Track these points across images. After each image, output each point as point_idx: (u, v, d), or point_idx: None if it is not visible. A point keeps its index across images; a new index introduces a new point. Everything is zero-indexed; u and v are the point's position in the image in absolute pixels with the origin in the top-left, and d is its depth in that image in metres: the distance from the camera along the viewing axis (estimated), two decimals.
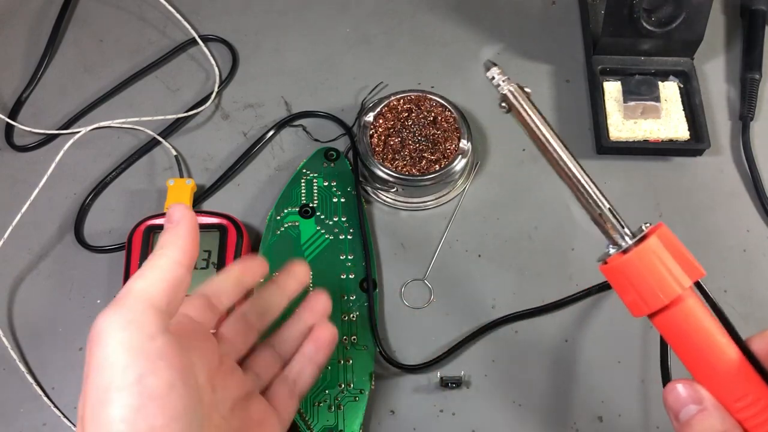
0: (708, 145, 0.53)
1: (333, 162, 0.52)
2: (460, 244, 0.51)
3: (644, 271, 0.30)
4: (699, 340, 0.30)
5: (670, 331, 0.31)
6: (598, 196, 0.32)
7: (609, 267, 0.31)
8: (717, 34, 0.60)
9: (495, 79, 0.34)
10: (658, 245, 0.30)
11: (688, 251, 0.31)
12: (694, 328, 0.30)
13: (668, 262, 0.30)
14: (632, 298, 0.31)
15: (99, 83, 0.59)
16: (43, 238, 0.52)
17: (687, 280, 0.30)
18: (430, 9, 0.62)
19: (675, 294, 0.30)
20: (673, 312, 0.30)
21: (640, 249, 0.30)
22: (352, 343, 0.46)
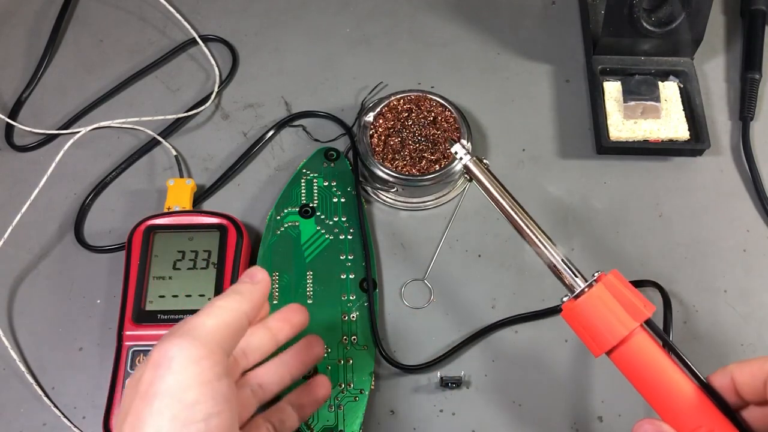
0: (708, 145, 0.53)
1: (333, 162, 0.52)
2: (460, 244, 0.51)
3: (592, 315, 0.34)
4: (650, 375, 0.33)
5: (625, 367, 0.34)
6: (551, 250, 0.37)
7: (567, 311, 0.35)
8: (717, 34, 0.60)
9: (458, 153, 0.40)
10: (603, 291, 0.34)
11: (637, 294, 0.34)
12: (644, 364, 0.33)
13: (613, 306, 0.33)
14: (587, 341, 0.34)
15: (99, 83, 0.59)
16: (43, 238, 0.52)
17: (632, 322, 0.33)
18: (430, 9, 0.62)
19: (621, 335, 0.33)
20: (623, 351, 0.33)
21: (587, 296, 0.34)
22: (352, 343, 0.46)
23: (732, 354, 0.47)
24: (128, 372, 0.44)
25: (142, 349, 0.45)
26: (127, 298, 0.46)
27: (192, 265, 0.47)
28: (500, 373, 0.46)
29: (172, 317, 0.45)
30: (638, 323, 0.33)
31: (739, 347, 0.47)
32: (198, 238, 0.48)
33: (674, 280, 0.49)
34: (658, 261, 0.50)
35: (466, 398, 0.46)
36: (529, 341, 0.47)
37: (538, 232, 0.38)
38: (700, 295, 0.49)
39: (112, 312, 0.48)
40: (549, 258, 0.37)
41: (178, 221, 0.49)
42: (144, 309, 0.46)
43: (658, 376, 0.33)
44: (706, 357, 0.47)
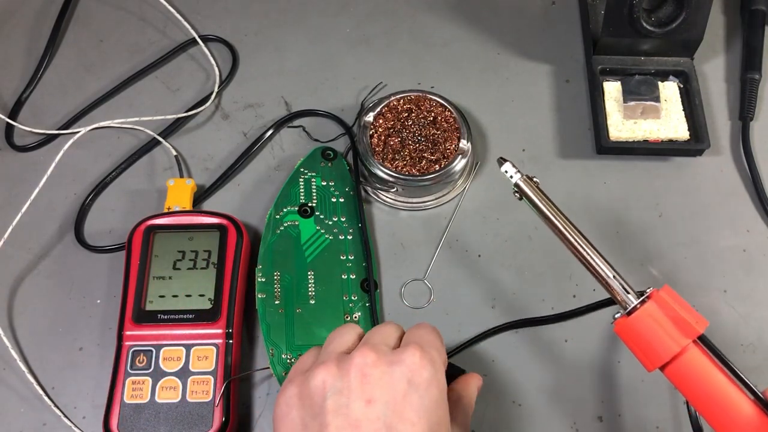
0: (708, 145, 0.53)
1: (330, 162, 0.52)
2: (460, 244, 0.51)
3: (644, 332, 0.35)
4: (705, 390, 0.34)
5: (679, 382, 0.35)
6: (604, 266, 0.37)
7: (620, 326, 0.36)
8: (717, 34, 0.60)
9: (508, 172, 0.40)
10: (655, 308, 0.35)
11: (690, 309, 0.35)
12: (698, 379, 0.34)
13: (664, 323, 0.34)
14: (640, 355, 0.35)
15: (99, 83, 0.59)
16: (44, 238, 0.52)
17: (683, 339, 0.34)
18: (430, 9, 0.62)
19: (673, 352, 0.34)
20: (676, 366, 0.34)
21: (639, 313, 0.35)
22: None
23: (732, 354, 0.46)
24: (128, 372, 0.44)
25: (142, 349, 0.45)
26: (127, 298, 0.46)
27: (192, 265, 0.47)
28: (500, 373, 0.46)
29: (172, 317, 0.45)
30: (690, 340, 0.34)
31: (739, 347, 0.47)
32: (198, 238, 0.48)
33: (674, 280, 0.49)
34: (658, 261, 0.50)
35: None
36: (529, 341, 0.47)
37: (591, 250, 0.37)
38: (700, 295, 0.49)
39: (112, 312, 0.48)
40: (602, 275, 0.37)
41: (178, 221, 0.49)
42: (144, 309, 0.46)
43: (713, 391, 0.33)
44: None
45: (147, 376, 0.44)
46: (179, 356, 0.44)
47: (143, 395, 0.43)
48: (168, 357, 0.44)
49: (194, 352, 0.44)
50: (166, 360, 0.44)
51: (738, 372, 0.34)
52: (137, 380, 0.44)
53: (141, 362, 0.44)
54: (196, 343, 0.44)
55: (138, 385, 0.44)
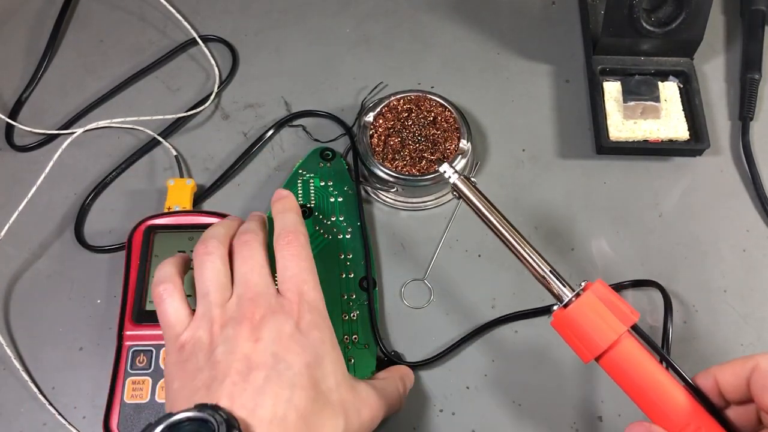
0: (708, 146, 0.53)
1: (329, 162, 0.52)
2: (460, 244, 0.51)
3: (582, 322, 0.35)
4: (639, 378, 0.34)
5: (614, 371, 0.35)
6: (539, 261, 0.38)
7: (556, 320, 0.36)
8: (717, 34, 0.60)
9: (446, 172, 0.42)
10: (592, 299, 0.35)
11: (623, 301, 0.36)
12: (632, 367, 0.34)
13: (602, 312, 0.35)
14: (577, 347, 0.36)
15: (99, 83, 0.59)
16: (44, 237, 0.52)
17: (621, 326, 0.34)
18: (430, 9, 0.62)
19: (611, 340, 0.34)
20: (612, 355, 0.35)
21: (576, 303, 0.36)
22: (353, 342, 0.46)
23: (732, 354, 0.47)
24: (128, 372, 0.44)
25: (143, 349, 0.45)
26: (128, 298, 0.46)
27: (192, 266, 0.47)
28: (500, 373, 0.46)
29: None
30: (627, 327, 0.35)
31: (739, 347, 0.47)
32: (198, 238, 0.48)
33: (674, 279, 0.49)
34: (658, 261, 0.50)
35: (466, 398, 0.46)
36: (529, 341, 0.47)
37: (526, 246, 0.39)
38: (700, 294, 0.49)
39: (112, 312, 0.48)
40: (537, 270, 0.38)
41: (178, 221, 0.49)
42: (144, 309, 0.46)
43: (646, 378, 0.34)
44: (707, 357, 0.47)
45: (147, 376, 0.44)
46: None
47: (143, 395, 0.43)
48: None
49: None
50: None
51: (670, 360, 0.35)
52: (137, 380, 0.44)
53: (141, 362, 0.44)
54: None
55: (138, 385, 0.44)
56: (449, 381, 0.46)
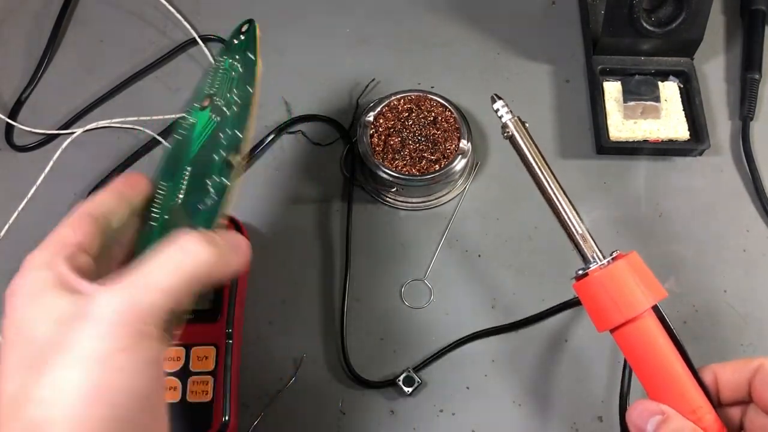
0: (708, 145, 0.53)
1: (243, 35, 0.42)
2: (460, 244, 0.51)
3: (612, 289, 0.33)
4: (654, 356, 0.33)
5: (628, 345, 0.34)
6: (578, 220, 0.36)
7: (581, 283, 0.35)
8: (717, 34, 0.60)
9: (499, 111, 0.39)
10: (626, 267, 0.34)
11: (653, 276, 0.34)
12: (650, 343, 0.33)
13: (632, 283, 0.33)
14: (598, 313, 0.34)
15: (99, 83, 0.58)
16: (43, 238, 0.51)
17: (649, 299, 0.33)
18: (430, 9, 0.62)
19: (635, 312, 0.33)
20: (631, 329, 0.33)
21: (610, 268, 0.34)
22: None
23: (732, 354, 0.47)
24: None
25: None
26: None
27: None
28: (500, 373, 0.46)
29: None
30: (656, 300, 0.33)
31: (740, 347, 0.47)
32: None
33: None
34: (658, 261, 0.50)
35: (466, 398, 0.46)
36: (529, 341, 0.47)
37: (566, 202, 0.37)
38: (700, 295, 0.49)
39: None
40: (575, 228, 0.36)
41: None
42: None
43: (660, 360, 0.33)
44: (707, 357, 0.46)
45: None
46: (179, 356, 0.44)
47: None
48: (168, 357, 0.44)
49: (194, 353, 0.44)
50: (166, 360, 0.44)
51: (683, 346, 0.34)
52: None
53: None
54: (196, 343, 0.44)
55: None
56: (449, 381, 0.46)
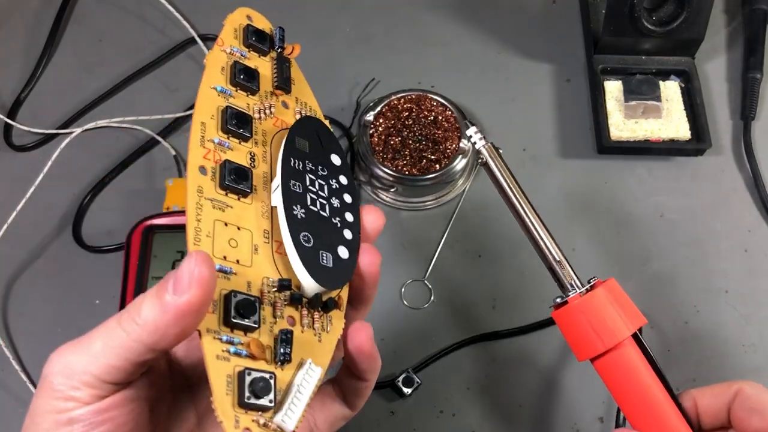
0: (709, 145, 0.53)
1: None
2: (460, 244, 0.51)
3: (591, 317, 0.33)
4: (635, 384, 0.33)
5: (608, 375, 0.34)
6: (554, 248, 0.36)
7: (560, 312, 0.34)
8: (718, 34, 0.60)
9: (472, 137, 0.37)
10: (605, 295, 0.33)
11: (631, 303, 0.34)
12: (629, 374, 0.33)
13: (611, 311, 0.33)
14: (578, 342, 0.34)
15: (98, 83, 0.58)
16: (42, 238, 0.52)
17: (629, 327, 0.33)
18: (430, 9, 0.62)
19: (616, 340, 0.32)
20: (611, 358, 0.33)
21: (589, 296, 0.33)
22: None
23: (733, 354, 0.47)
24: None
25: None
26: (126, 298, 0.46)
27: None
28: (500, 374, 0.46)
29: None
30: (633, 331, 0.33)
31: (740, 347, 0.47)
32: None
33: (675, 280, 0.49)
34: (659, 261, 0.50)
35: (466, 398, 0.46)
36: (529, 342, 0.47)
37: (543, 229, 0.37)
38: (701, 295, 0.49)
39: (111, 312, 0.47)
40: (551, 256, 0.36)
41: (177, 221, 0.49)
42: None
43: (642, 389, 0.33)
44: (708, 357, 0.47)
45: None
46: None
47: None
48: None
49: None
50: None
51: (660, 370, 0.33)
52: None
53: None
54: None
55: None
56: (450, 382, 0.46)
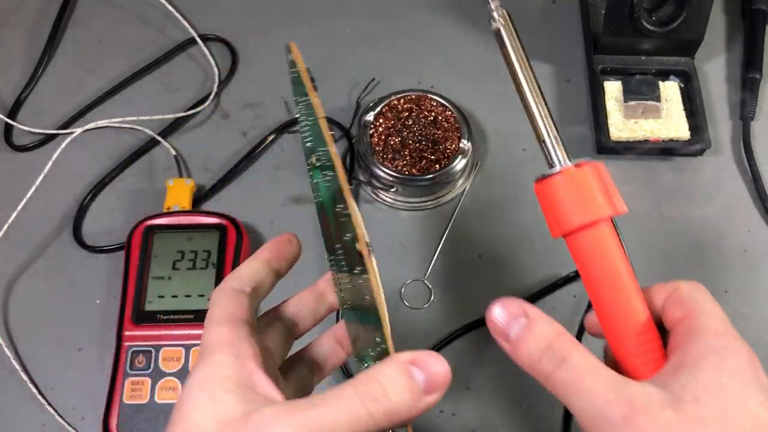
0: (708, 145, 0.53)
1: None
2: (460, 244, 0.51)
3: (574, 191, 0.32)
4: (605, 270, 0.31)
5: (580, 254, 0.32)
6: (551, 122, 0.34)
7: (543, 184, 0.33)
8: (718, 34, 0.60)
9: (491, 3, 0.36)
10: (592, 173, 0.32)
11: (616, 189, 0.32)
12: (604, 252, 0.31)
13: (594, 189, 0.32)
14: (556, 216, 0.32)
15: (98, 83, 0.58)
16: (42, 238, 0.52)
17: (608, 209, 0.31)
18: (430, 9, 0.62)
19: (596, 216, 0.31)
20: (589, 234, 0.31)
21: (575, 171, 0.32)
22: None
23: None
24: (127, 372, 0.44)
25: (142, 349, 0.44)
26: (127, 298, 0.46)
27: (191, 266, 0.47)
28: (500, 373, 0.46)
29: (172, 317, 0.45)
30: (614, 212, 0.32)
31: None
32: (197, 239, 0.48)
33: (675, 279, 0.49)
34: (659, 261, 0.50)
35: (467, 398, 0.46)
36: None
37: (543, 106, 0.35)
38: None
39: (111, 312, 0.48)
40: (546, 128, 0.34)
41: (177, 221, 0.49)
42: (143, 309, 0.46)
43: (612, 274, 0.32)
44: None
45: (146, 376, 0.44)
46: (179, 357, 0.44)
47: (142, 396, 0.43)
48: (167, 357, 0.44)
49: (194, 353, 0.44)
50: (165, 360, 0.44)
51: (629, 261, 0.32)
52: (136, 381, 0.44)
53: (140, 363, 0.44)
54: (195, 343, 0.44)
55: (137, 385, 0.43)
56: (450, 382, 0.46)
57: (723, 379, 0.27)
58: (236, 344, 0.29)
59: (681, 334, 0.30)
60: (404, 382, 0.28)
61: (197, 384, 0.27)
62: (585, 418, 0.28)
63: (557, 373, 0.29)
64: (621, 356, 0.31)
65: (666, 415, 0.26)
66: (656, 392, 0.27)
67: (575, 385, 0.28)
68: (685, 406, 0.26)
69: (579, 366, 0.28)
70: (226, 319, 0.30)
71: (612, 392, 0.27)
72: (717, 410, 0.26)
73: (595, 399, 0.27)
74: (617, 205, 0.32)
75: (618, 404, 0.27)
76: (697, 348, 0.28)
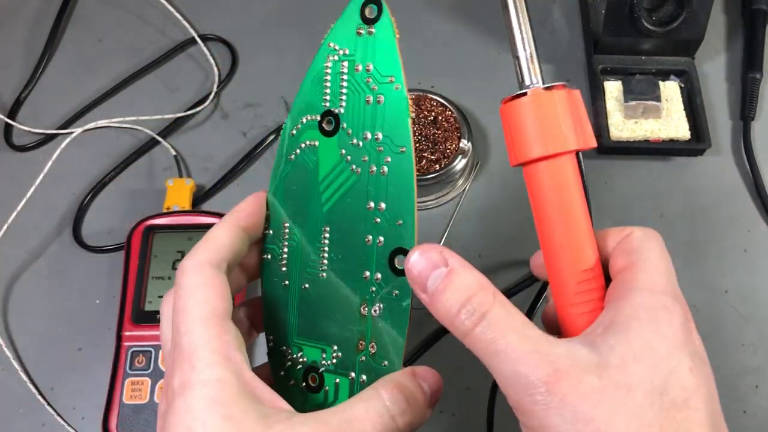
0: (709, 145, 0.53)
1: (371, 25, 0.33)
2: (460, 244, 0.51)
3: (540, 117, 0.29)
4: (559, 207, 0.29)
5: (538, 185, 0.29)
6: (531, 39, 0.31)
7: (509, 105, 0.30)
8: (718, 34, 0.60)
9: None
10: (564, 100, 0.29)
11: (588, 121, 0.29)
12: (561, 189, 0.29)
13: (565, 117, 0.28)
14: (517, 142, 0.29)
15: (98, 83, 0.58)
16: (42, 238, 0.52)
17: (577, 142, 0.28)
18: (430, 9, 0.62)
19: (560, 149, 0.28)
20: (548, 165, 0.29)
21: (542, 94, 0.29)
22: (371, 354, 0.30)
23: (733, 354, 0.47)
24: (127, 372, 0.44)
25: (142, 349, 0.44)
26: (126, 298, 0.46)
27: None
28: None
29: None
30: (581, 147, 0.29)
31: (740, 347, 0.47)
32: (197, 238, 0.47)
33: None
34: None
35: (467, 398, 0.46)
36: None
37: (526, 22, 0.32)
38: (701, 295, 0.49)
39: (111, 312, 0.48)
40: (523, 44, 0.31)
41: (177, 221, 0.49)
42: (143, 309, 0.45)
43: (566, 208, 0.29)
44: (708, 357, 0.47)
45: (146, 376, 0.44)
46: None
47: (142, 396, 0.43)
48: None
49: None
50: None
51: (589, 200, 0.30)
52: (136, 381, 0.44)
53: (140, 363, 0.44)
54: None
55: (137, 385, 0.43)
56: (450, 382, 0.46)
57: (654, 343, 0.25)
58: (230, 355, 0.26)
59: (618, 287, 0.27)
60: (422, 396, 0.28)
61: (205, 407, 0.24)
62: (505, 383, 0.25)
63: (476, 330, 0.26)
64: (560, 303, 0.29)
65: (590, 381, 0.24)
66: (583, 353, 0.25)
67: (494, 345, 0.25)
68: (611, 372, 0.24)
69: (500, 323, 0.26)
70: (211, 315, 0.26)
71: (534, 354, 0.24)
72: (643, 377, 0.24)
73: (515, 361, 0.25)
74: (585, 140, 0.29)
75: (539, 367, 0.24)
76: (632, 305, 0.26)
